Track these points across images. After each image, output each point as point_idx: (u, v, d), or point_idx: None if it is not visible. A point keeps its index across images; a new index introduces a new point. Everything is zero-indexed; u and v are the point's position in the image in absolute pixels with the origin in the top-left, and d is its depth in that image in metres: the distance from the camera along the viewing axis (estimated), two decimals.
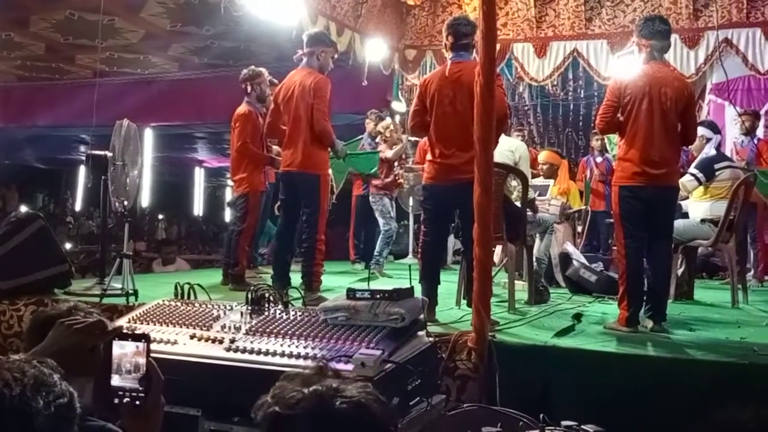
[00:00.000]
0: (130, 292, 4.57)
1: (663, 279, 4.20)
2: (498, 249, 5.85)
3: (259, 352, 2.80)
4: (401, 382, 2.63)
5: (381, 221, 7.44)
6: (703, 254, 6.90)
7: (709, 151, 5.79)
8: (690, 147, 5.58)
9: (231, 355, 2.85)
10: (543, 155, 7.95)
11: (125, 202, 5.11)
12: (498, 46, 3.81)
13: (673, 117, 4.09)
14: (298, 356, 2.73)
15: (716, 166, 5.69)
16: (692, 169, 5.70)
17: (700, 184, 5.62)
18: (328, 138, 4.97)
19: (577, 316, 4.41)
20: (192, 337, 3.03)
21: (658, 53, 4.21)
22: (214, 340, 2.97)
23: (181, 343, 3.00)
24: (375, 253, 7.30)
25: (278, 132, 5.21)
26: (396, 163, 7.62)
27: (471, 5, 7.99)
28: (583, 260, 6.12)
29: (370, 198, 7.48)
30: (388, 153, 7.47)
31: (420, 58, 9.10)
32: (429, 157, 4.44)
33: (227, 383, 2.76)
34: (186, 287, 3.70)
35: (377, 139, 7.68)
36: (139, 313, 3.35)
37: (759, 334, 4.03)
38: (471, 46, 4.26)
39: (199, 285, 3.78)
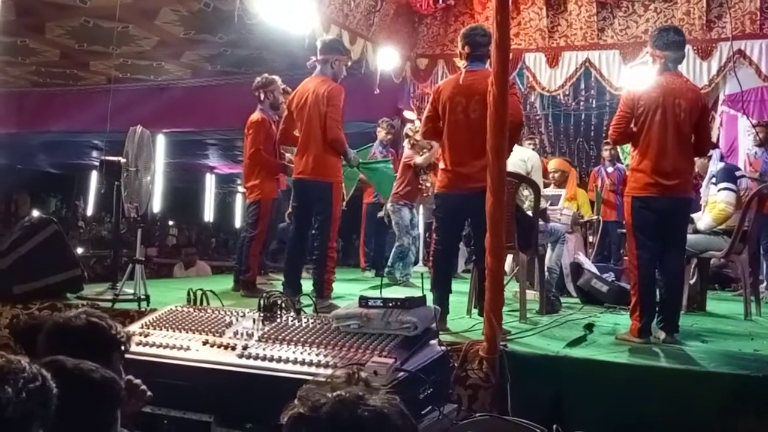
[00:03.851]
0: (142, 297, 4.59)
1: (675, 290, 4.18)
2: (509, 258, 5.84)
3: (271, 359, 2.81)
4: (413, 391, 2.62)
5: (396, 233, 7.16)
6: (715, 266, 6.86)
7: (719, 163, 5.73)
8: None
9: (243, 361, 2.86)
10: (553, 163, 7.94)
11: (138, 208, 5.14)
12: (510, 56, 3.80)
13: (687, 128, 4.07)
14: (310, 363, 2.73)
15: (736, 174, 5.65)
16: (722, 184, 5.49)
17: (736, 194, 5.52)
18: (341, 146, 4.98)
19: (589, 327, 4.39)
20: (204, 343, 3.05)
21: (672, 64, 4.19)
22: (226, 347, 2.98)
23: (193, 350, 3.02)
24: (388, 264, 7.24)
25: (291, 139, 5.23)
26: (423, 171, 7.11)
27: (484, 14, 8.02)
28: (595, 270, 6.09)
29: (390, 207, 7.18)
30: (418, 159, 7.01)
31: (432, 66, 9.13)
32: (441, 165, 4.44)
33: (239, 390, 2.77)
34: (198, 293, 3.72)
35: (404, 143, 7.42)
36: (152, 319, 3.37)
37: None
38: (486, 56, 4.26)
39: (211, 291, 3.80)
